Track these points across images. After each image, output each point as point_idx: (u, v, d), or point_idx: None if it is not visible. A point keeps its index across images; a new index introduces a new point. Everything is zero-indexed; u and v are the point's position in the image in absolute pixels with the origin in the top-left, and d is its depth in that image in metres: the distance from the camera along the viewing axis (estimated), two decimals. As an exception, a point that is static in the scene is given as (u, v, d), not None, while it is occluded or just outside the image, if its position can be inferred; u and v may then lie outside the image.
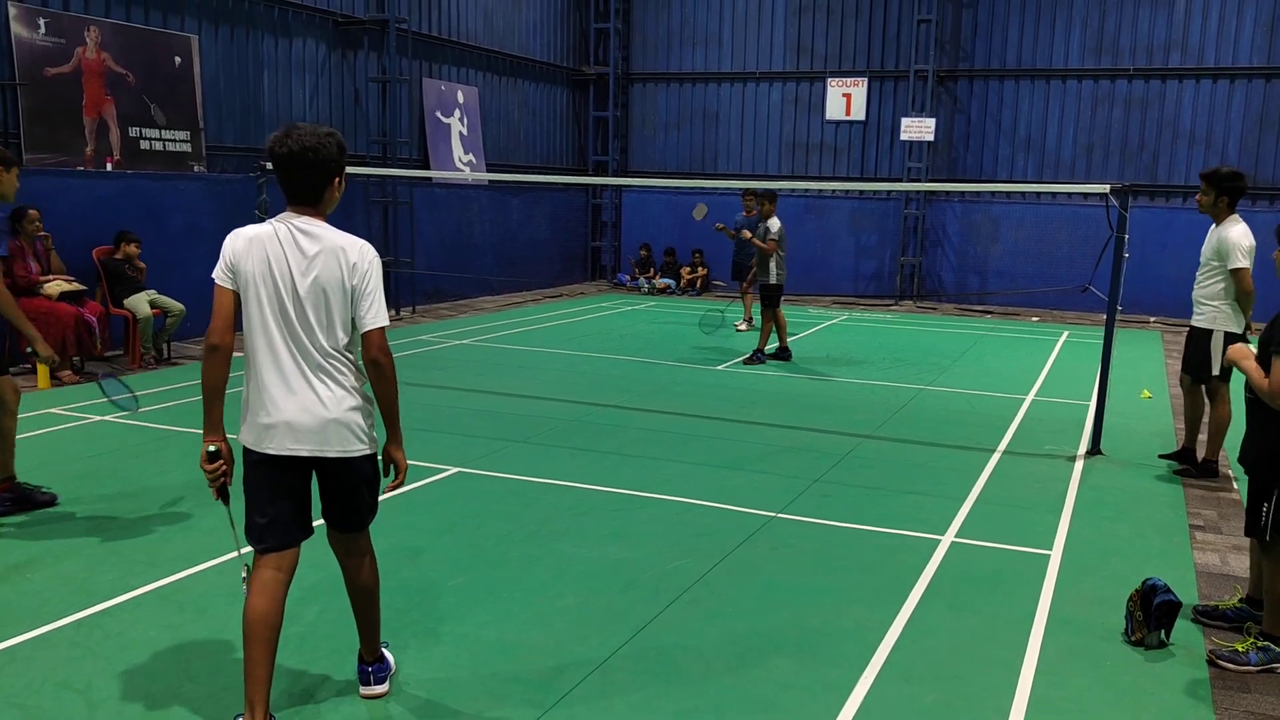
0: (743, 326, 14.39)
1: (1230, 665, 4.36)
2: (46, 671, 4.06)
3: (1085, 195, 16.80)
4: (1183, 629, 4.69)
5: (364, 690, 3.94)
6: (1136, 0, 17.30)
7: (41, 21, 10.86)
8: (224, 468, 3.63)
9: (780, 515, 6.23)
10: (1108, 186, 7.87)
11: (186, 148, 12.54)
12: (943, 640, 4.56)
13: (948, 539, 5.89)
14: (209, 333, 3.52)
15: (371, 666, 3.96)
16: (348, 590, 3.92)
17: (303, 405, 3.52)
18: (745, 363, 11.66)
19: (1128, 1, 17.36)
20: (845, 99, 19.31)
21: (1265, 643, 4.39)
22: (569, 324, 14.93)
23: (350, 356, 3.63)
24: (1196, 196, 7.43)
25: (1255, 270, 7.06)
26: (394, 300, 15.48)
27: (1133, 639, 4.56)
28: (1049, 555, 5.67)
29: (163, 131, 12.25)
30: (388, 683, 3.98)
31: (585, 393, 9.85)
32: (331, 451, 3.58)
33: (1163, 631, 4.53)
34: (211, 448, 3.59)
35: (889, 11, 18.93)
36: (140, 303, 10.56)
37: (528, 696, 3.97)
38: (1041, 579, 5.32)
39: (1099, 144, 17.88)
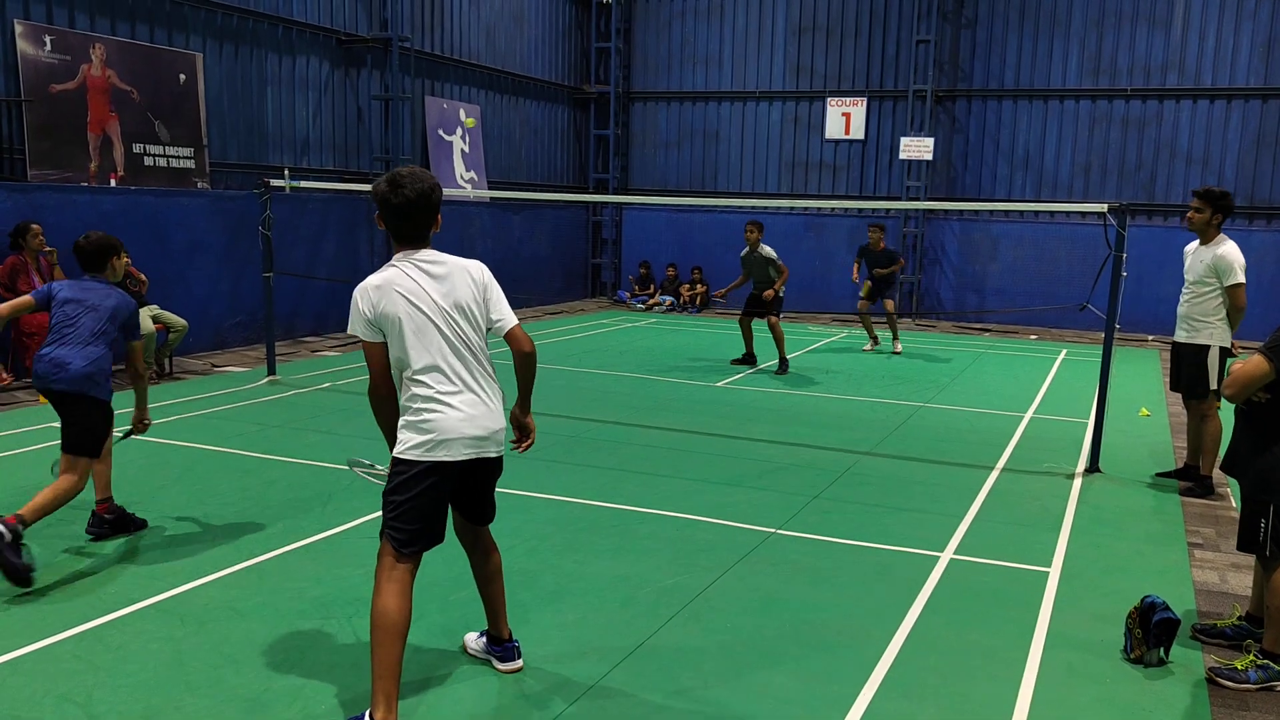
0: (869, 347, 14.64)
1: (1230, 683, 4.37)
2: (48, 684, 4.07)
3: (1083, 214, 16.88)
4: (1182, 646, 4.70)
5: (507, 665, 4.28)
6: (1134, 21, 17.43)
7: (47, 39, 10.94)
8: None
9: (780, 531, 6.24)
10: (1106, 206, 7.92)
11: (190, 164, 12.60)
12: (942, 656, 4.57)
13: (947, 555, 5.90)
14: (373, 387, 3.84)
15: (513, 642, 4.31)
16: (478, 578, 4.24)
17: (476, 414, 3.82)
18: (776, 374, 12.25)
19: (1125, 22, 17.48)
20: (845, 118, 19.42)
21: (1265, 660, 4.39)
22: (569, 340, 14.96)
23: (489, 358, 3.95)
24: (1189, 214, 7.50)
25: (1251, 289, 7.14)
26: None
27: (1132, 656, 4.57)
28: (1048, 572, 5.69)
29: (166, 148, 12.32)
30: None
31: (586, 408, 9.87)
32: (497, 451, 3.93)
33: (1162, 649, 4.53)
34: None
35: (888, 32, 19.07)
36: (143, 318, 10.59)
37: (527, 713, 3.97)
38: (1040, 596, 5.33)
39: (1096, 163, 17.97)
